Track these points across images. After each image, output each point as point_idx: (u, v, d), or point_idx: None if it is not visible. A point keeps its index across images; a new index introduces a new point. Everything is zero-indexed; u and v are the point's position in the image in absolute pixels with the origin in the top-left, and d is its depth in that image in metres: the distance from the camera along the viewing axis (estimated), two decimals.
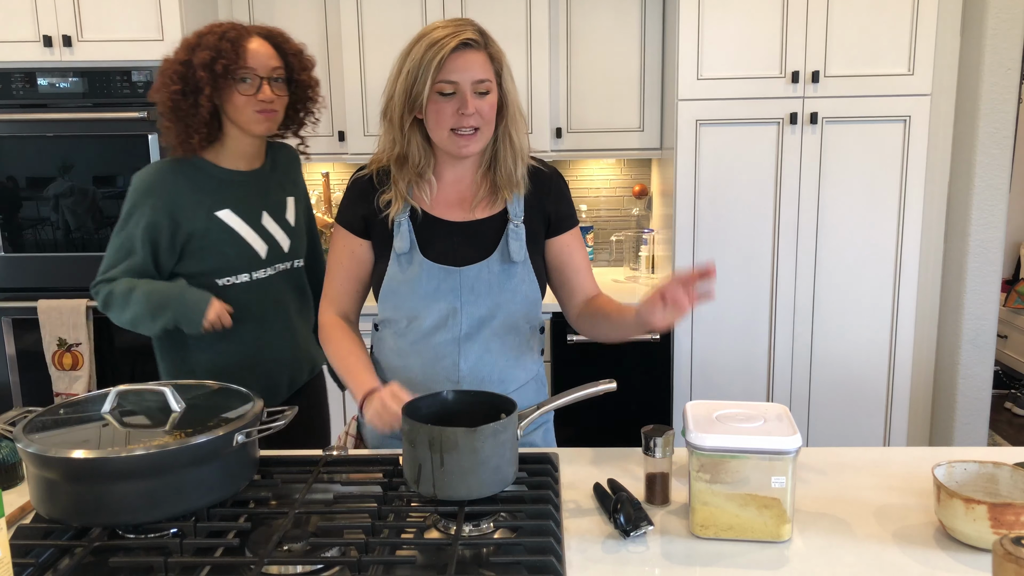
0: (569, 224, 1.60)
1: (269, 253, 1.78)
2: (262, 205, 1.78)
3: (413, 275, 1.50)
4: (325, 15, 2.99)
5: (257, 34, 1.71)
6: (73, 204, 2.77)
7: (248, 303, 1.76)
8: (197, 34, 1.69)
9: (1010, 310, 4.47)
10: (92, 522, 1.12)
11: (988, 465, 1.17)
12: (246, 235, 1.75)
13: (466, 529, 1.16)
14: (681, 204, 2.76)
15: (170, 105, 1.67)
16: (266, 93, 1.68)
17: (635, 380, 2.84)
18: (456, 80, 1.42)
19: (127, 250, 1.71)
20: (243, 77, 1.66)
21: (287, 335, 1.84)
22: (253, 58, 1.67)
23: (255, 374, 1.78)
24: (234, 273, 1.74)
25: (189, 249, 1.72)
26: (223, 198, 1.73)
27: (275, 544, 1.08)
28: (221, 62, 1.63)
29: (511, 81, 1.51)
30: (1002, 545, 0.88)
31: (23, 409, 1.30)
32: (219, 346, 1.75)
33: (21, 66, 2.70)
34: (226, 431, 1.15)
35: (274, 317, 1.81)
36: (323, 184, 3.27)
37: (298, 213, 1.87)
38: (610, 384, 1.28)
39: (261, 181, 1.80)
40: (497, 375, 1.53)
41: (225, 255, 1.73)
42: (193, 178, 1.72)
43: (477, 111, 1.44)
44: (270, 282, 1.79)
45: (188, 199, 1.70)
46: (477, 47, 1.44)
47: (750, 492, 1.12)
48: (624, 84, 3.01)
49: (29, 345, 2.84)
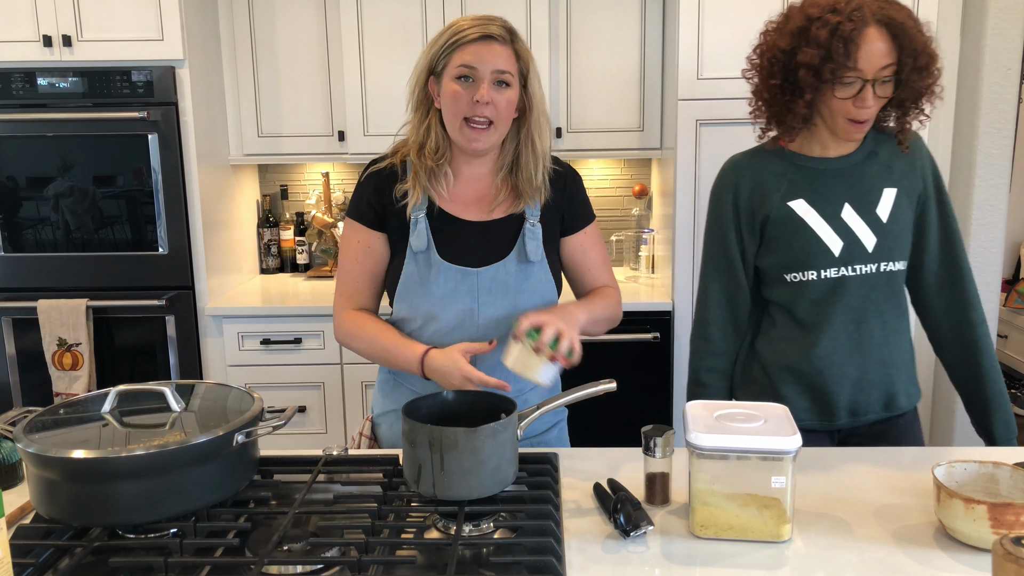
0: (582, 223, 1.61)
1: (844, 251, 1.54)
2: (845, 197, 1.55)
3: (430, 275, 1.50)
4: (325, 15, 2.99)
5: (877, 22, 1.41)
6: (73, 204, 2.77)
7: (814, 304, 1.57)
8: (806, 15, 1.45)
9: (1010, 310, 4.47)
10: (92, 522, 1.12)
11: (988, 465, 1.17)
12: (818, 228, 1.55)
13: (466, 529, 1.16)
14: (681, 204, 2.76)
15: (766, 96, 1.53)
16: (866, 98, 1.44)
17: (635, 380, 2.84)
18: (475, 66, 1.44)
19: (720, 251, 1.62)
20: (846, 79, 1.43)
21: (863, 345, 1.57)
22: (865, 59, 1.41)
23: (804, 384, 1.60)
24: (801, 269, 1.55)
25: (766, 237, 1.59)
26: (798, 187, 1.56)
27: (275, 544, 1.08)
28: (829, 66, 1.42)
29: (538, 83, 1.51)
30: (1002, 545, 0.88)
31: (23, 409, 1.30)
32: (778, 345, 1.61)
33: (21, 66, 2.70)
34: (226, 431, 1.14)
35: (843, 324, 1.56)
36: (323, 184, 3.27)
37: (899, 208, 1.56)
38: (610, 384, 1.28)
39: (850, 170, 1.57)
40: (515, 375, 1.53)
41: (792, 248, 1.55)
42: (770, 163, 1.59)
43: (493, 102, 1.44)
44: (843, 284, 1.55)
45: (763, 184, 1.57)
46: (502, 41, 1.46)
47: (750, 492, 1.12)
48: (624, 84, 3.01)
49: (29, 345, 2.84)
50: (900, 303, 1.61)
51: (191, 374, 2.86)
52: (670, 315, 2.82)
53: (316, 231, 3.32)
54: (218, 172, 2.98)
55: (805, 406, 1.60)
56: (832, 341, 1.56)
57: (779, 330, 1.61)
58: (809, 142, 1.58)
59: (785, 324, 1.60)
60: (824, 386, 1.58)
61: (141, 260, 2.81)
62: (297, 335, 2.84)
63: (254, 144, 3.08)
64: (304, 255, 3.38)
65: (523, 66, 1.49)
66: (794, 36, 1.46)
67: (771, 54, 1.51)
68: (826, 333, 1.56)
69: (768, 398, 1.60)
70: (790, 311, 1.59)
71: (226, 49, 3.02)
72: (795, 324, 1.59)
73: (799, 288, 1.57)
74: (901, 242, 1.57)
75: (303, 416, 2.88)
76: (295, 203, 3.45)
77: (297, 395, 2.87)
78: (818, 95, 1.47)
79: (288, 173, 3.44)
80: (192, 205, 2.80)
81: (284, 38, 3.01)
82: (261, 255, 3.40)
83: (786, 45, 1.47)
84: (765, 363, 1.62)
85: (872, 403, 1.59)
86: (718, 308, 1.65)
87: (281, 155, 3.09)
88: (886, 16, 1.42)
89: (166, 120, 2.71)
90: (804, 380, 1.59)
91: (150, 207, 2.77)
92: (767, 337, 1.63)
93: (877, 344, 1.57)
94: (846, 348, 1.57)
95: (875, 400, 1.59)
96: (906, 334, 1.62)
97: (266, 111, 3.06)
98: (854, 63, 1.41)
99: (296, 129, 3.07)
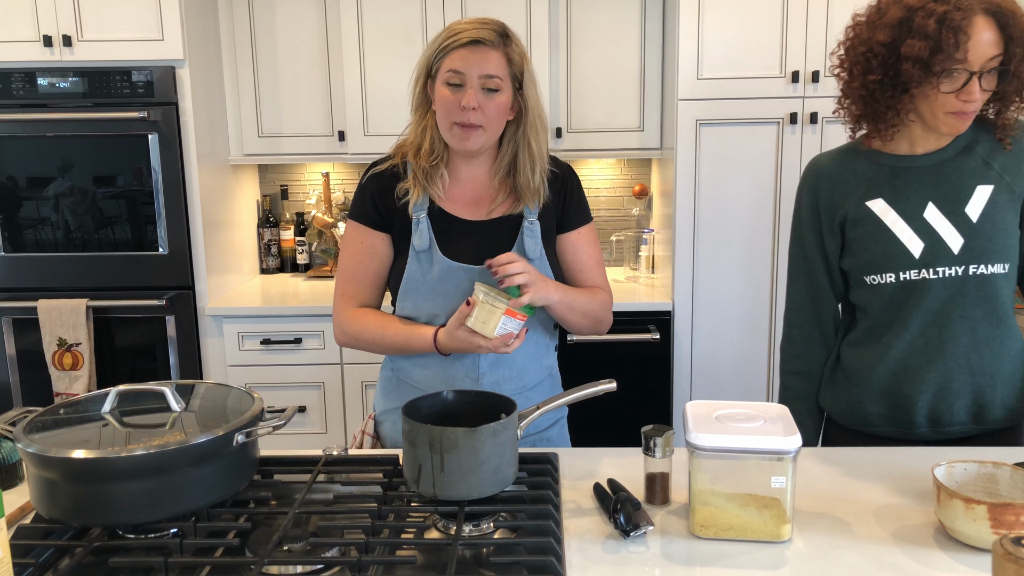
0: (577, 222, 1.61)
1: (926, 252, 1.46)
2: (928, 195, 1.47)
3: (432, 274, 1.51)
4: (325, 15, 2.99)
5: (984, 10, 1.34)
6: (73, 204, 2.77)
7: (892, 308, 1.51)
8: (906, 6, 1.37)
9: None
10: (92, 522, 1.12)
11: (988, 465, 1.17)
12: (897, 229, 1.48)
13: (466, 529, 1.16)
14: (681, 204, 2.76)
15: (863, 93, 1.44)
16: (972, 92, 1.35)
17: (635, 380, 2.84)
18: (463, 71, 1.45)
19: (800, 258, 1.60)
20: (953, 71, 1.35)
21: (945, 351, 1.49)
22: (973, 50, 1.33)
23: (880, 388, 1.54)
24: (880, 271, 1.49)
25: (846, 239, 1.54)
26: (878, 186, 1.50)
27: (275, 544, 1.08)
28: (939, 58, 1.33)
29: (533, 86, 1.52)
30: (1002, 545, 0.88)
31: (23, 409, 1.30)
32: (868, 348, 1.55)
33: (21, 66, 2.70)
34: (226, 431, 1.14)
35: (921, 328, 1.49)
36: (323, 184, 3.27)
37: (996, 206, 1.46)
38: (610, 384, 1.28)
39: (936, 167, 1.49)
40: (516, 373, 1.54)
41: (870, 250, 1.50)
42: (851, 163, 1.54)
43: (480, 107, 1.45)
44: (923, 287, 1.47)
45: (843, 184, 1.53)
46: (491, 45, 1.46)
47: (750, 492, 1.12)
48: (624, 84, 3.01)
49: (29, 345, 2.84)
50: (998, 309, 1.48)
51: (191, 374, 2.86)
52: (670, 315, 2.82)
53: (316, 231, 3.32)
54: (218, 172, 2.98)
55: (881, 412, 1.55)
56: (908, 345, 1.50)
57: (858, 333, 1.58)
58: (897, 139, 1.50)
59: (864, 326, 1.56)
60: (900, 391, 1.52)
61: (141, 260, 2.81)
62: (297, 335, 2.84)
63: (254, 144, 3.08)
64: (304, 255, 3.38)
65: (516, 70, 1.49)
66: (894, 28, 1.37)
67: (867, 48, 1.42)
68: (902, 336, 1.50)
69: (848, 404, 1.58)
70: (868, 313, 1.55)
71: (226, 49, 3.02)
72: (872, 326, 1.55)
73: (877, 290, 1.51)
74: (997, 243, 1.45)
75: (303, 416, 2.88)
76: (295, 203, 3.45)
77: (297, 395, 2.87)
78: (919, 89, 1.39)
79: (288, 173, 3.44)
80: (192, 205, 2.80)
81: (284, 38, 3.01)
82: (261, 255, 3.40)
83: (885, 38, 1.38)
84: (846, 367, 1.59)
85: (956, 413, 1.50)
86: (800, 311, 1.63)
87: (281, 155, 3.09)
88: (993, 4, 1.34)
89: (166, 120, 2.71)
90: (880, 384, 1.53)
91: (150, 207, 2.77)
92: (848, 340, 1.60)
93: (963, 351, 1.48)
94: (925, 353, 1.49)
95: (960, 410, 1.50)
96: (1011, 343, 1.50)
97: (266, 111, 3.06)
98: (963, 54, 1.33)
99: (296, 129, 3.07)
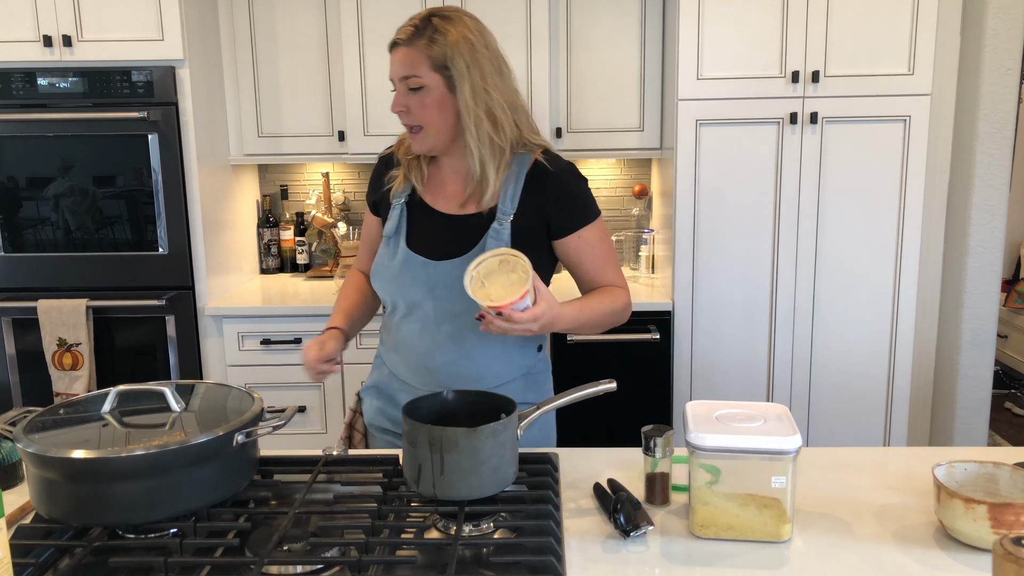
0: (575, 224, 1.52)
1: None
2: None
3: (394, 261, 1.53)
4: (325, 15, 2.99)
5: None
6: (73, 204, 2.77)
7: None
8: None
9: (1010, 310, 4.47)
10: (92, 522, 1.12)
11: (988, 465, 1.17)
12: None
13: (466, 529, 1.16)
14: (681, 204, 2.76)
15: None
16: None
17: (635, 380, 2.84)
18: (391, 77, 1.46)
19: None
20: None
21: None
22: None
23: None
24: None
25: None
26: None
27: (275, 544, 1.08)
28: None
29: (466, 78, 1.41)
30: (1002, 545, 0.88)
31: (23, 409, 1.30)
32: None
33: (21, 66, 2.70)
34: (226, 431, 1.14)
35: None
36: (323, 184, 3.27)
37: None
38: (610, 384, 1.28)
39: None
40: (475, 371, 1.53)
41: None
42: None
43: (407, 107, 1.45)
44: None
45: None
46: (405, 44, 1.43)
47: (750, 492, 1.12)
48: (624, 84, 3.01)
49: (29, 345, 2.84)
50: None
51: (191, 374, 2.86)
52: (670, 315, 2.82)
53: (316, 231, 3.32)
54: (218, 172, 2.98)
55: None
56: None
57: None
58: None
59: None
60: None
61: (141, 260, 2.81)
62: (297, 335, 2.84)
63: (254, 144, 3.08)
64: (304, 255, 3.38)
65: (436, 63, 1.41)
66: None
67: None
68: None
69: None
70: None
71: (226, 49, 3.02)
72: None
73: None
74: None
75: (303, 416, 2.88)
76: (295, 203, 3.45)
77: (297, 395, 2.87)
78: None
79: (288, 173, 3.44)
80: (192, 205, 2.80)
81: (284, 38, 3.01)
82: (261, 255, 3.40)
83: None
84: None
85: None
86: None
87: (281, 155, 3.09)
88: None
89: (166, 120, 2.71)
90: None
91: (150, 207, 2.77)
92: None
93: None
94: None
95: None
96: None
97: (266, 111, 3.06)
98: None
99: (296, 129, 3.07)
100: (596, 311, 1.50)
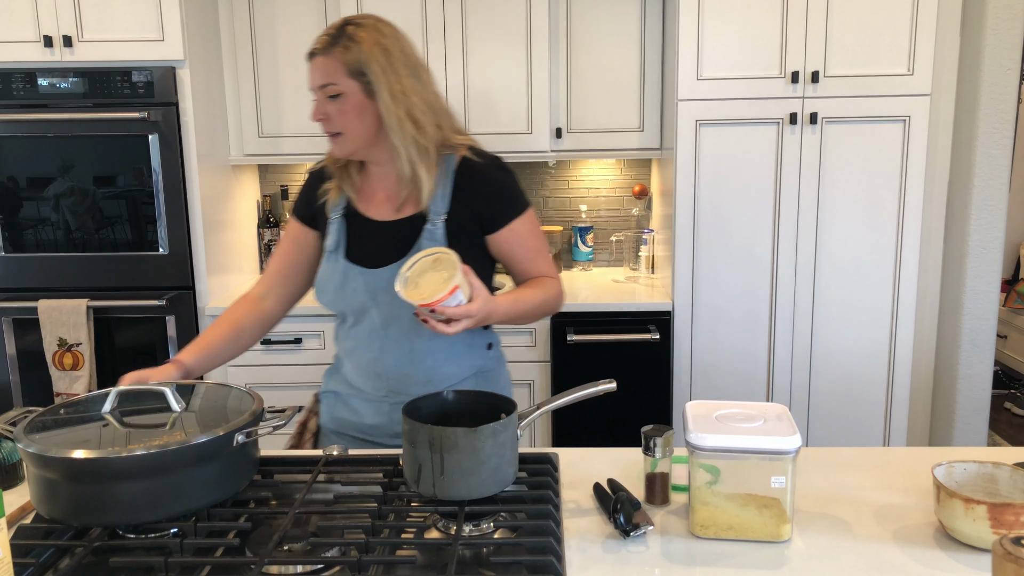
0: (505, 218, 1.53)
1: None
2: None
3: (335, 274, 1.54)
4: (325, 15, 2.99)
5: None
6: (73, 204, 2.77)
7: None
8: None
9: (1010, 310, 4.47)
10: (92, 522, 1.12)
11: (988, 465, 1.17)
12: None
13: (466, 529, 1.16)
14: (681, 204, 2.76)
15: None
16: None
17: (635, 380, 2.84)
18: (311, 86, 1.48)
19: None
20: None
21: None
22: None
23: None
24: None
25: None
26: None
27: (275, 544, 1.08)
28: None
29: (383, 82, 1.43)
30: (1002, 545, 0.88)
31: (23, 409, 1.30)
32: None
33: (21, 66, 2.70)
34: (226, 431, 1.15)
35: None
36: None
37: None
38: (610, 384, 1.28)
39: None
40: (424, 373, 1.54)
41: None
42: None
43: (327, 115, 1.46)
44: None
45: None
46: (321, 53, 1.45)
47: (750, 492, 1.12)
48: (624, 84, 3.01)
49: (29, 345, 2.85)
50: None
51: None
52: (670, 315, 2.82)
53: None
54: (218, 172, 2.98)
55: None
56: None
57: None
58: None
59: None
60: None
61: (141, 260, 2.81)
62: (297, 335, 2.84)
63: (254, 144, 3.08)
64: None
65: (352, 70, 1.42)
66: None
67: None
68: None
69: None
70: None
71: (226, 49, 3.02)
72: None
73: None
74: None
75: None
76: None
77: (297, 395, 2.87)
78: None
79: (288, 173, 3.45)
80: (192, 205, 2.80)
81: (284, 38, 3.01)
82: (261, 255, 3.40)
83: None
84: None
85: None
86: None
87: (281, 155, 3.10)
88: None
89: (166, 120, 2.72)
90: None
91: (150, 207, 2.77)
92: None
93: None
94: None
95: None
96: None
97: (266, 111, 3.06)
98: None
99: (296, 129, 3.07)
100: (530, 302, 1.52)
